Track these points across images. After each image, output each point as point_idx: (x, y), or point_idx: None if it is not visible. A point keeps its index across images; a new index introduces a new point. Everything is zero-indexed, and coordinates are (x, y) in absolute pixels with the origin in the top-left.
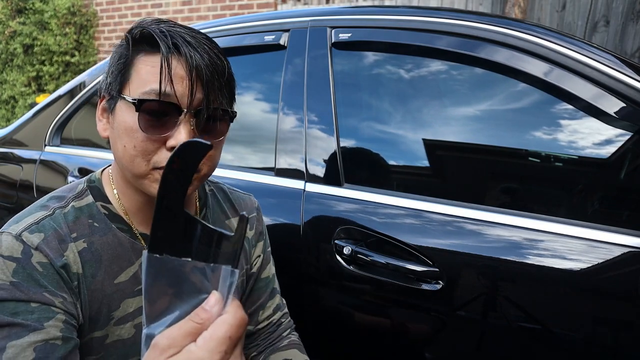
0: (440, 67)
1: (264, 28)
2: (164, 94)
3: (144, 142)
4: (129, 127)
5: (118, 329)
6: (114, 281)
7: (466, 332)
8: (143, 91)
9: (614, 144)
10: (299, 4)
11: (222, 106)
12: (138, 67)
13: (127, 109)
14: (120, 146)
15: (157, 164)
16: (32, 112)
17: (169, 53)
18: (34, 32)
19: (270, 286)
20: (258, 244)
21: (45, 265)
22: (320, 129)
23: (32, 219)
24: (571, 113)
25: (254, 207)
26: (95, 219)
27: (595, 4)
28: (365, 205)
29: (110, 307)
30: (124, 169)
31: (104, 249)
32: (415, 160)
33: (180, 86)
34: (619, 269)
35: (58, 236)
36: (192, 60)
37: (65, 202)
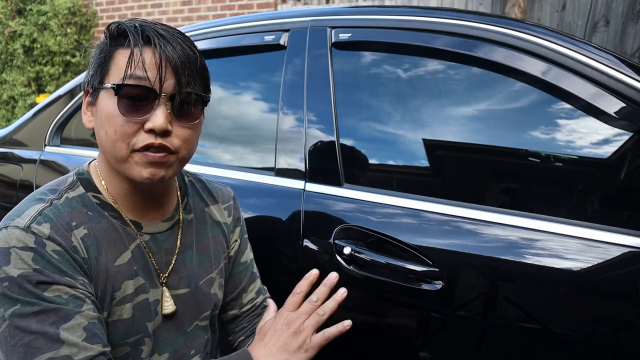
0: (440, 67)
1: (264, 28)
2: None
3: (123, 126)
4: (109, 113)
5: (119, 309)
6: (115, 263)
7: (466, 332)
8: (120, 78)
9: (614, 144)
10: (299, 4)
11: (195, 91)
12: (116, 59)
13: (108, 97)
14: (102, 133)
15: (135, 146)
16: (32, 112)
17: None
18: (34, 33)
19: (250, 270)
20: (235, 229)
21: (60, 253)
22: (320, 129)
23: (34, 212)
24: (571, 113)
25: (230, 196)
26: (89, 208)
27: (595, 4)
28: (365, 205)
29: (114, 288)
30: (107, 155)
31: (101, 234)
32: (416, 160)
33: (152, 72)
34: (619, 269)
35: (62, 225)
36: (161, 49)
37: (59, 194)
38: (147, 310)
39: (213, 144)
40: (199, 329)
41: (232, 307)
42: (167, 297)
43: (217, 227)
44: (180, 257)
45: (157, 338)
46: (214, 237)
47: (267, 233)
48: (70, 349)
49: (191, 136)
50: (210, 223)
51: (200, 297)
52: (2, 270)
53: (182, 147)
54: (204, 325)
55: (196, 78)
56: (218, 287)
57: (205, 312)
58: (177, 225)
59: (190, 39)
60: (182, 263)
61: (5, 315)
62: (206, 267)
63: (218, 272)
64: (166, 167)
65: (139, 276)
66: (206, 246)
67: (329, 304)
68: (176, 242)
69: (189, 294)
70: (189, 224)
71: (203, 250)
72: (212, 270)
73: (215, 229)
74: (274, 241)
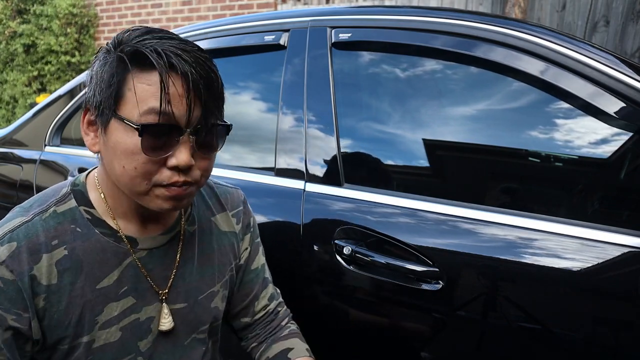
0: (440, 67)
1: (264, 28)
2: (164, 113)
3: (145, 164)
4: (128, 149)
5: (104, 333)
6: (96, 286)
7: (466, 332)
8: (142, 111)
9: (614, 144)
10: (299, 4)
11: (219, 121)
12: (132, 86)
13: (125, 131)
14: (117, 166)
15: (158, 182)
16: (32, 112)
17: (166, 73)
18: (35, 33)
19: (261, 276)
20: (245, 237)
21: (6, 282)
22: (320, 129)
23: (8, 227)
24: (571, 113)
25: (240, 200)
26: (78, 224)
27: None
28: (365, 205)
29: (94, 312)
30: (121, 186)
31: (85, 254)
32: (416, 160)
33: (180, 106)
34: (619, 269)
35: (31, 247)
36: (189, 78)
37: (46, 206)
38: (139, 330)
39: None
40: (196, 342)
41: (244, 315)
42: (166, 313)
43: (224, 238)
44: (180, 272)
45: (152, 354)
46: (220, 249)
47: (267, 233)
48: None
49: (210, 164)
50: (217, 234)
51: (199, 311)
52: None
53: (202, 176)
54: (201, 337)
55: (218, 105)
56: (220, 300)
57: (203, 326)
58: (177, 238)
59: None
60: (181, 277)
61: None
62: (208, 281)
63: (222, 285)
64: (188, 198)
65: (129, 297)
66: (210, 259)
67: None
68: (175, 256)
69: (187, 308)
70: (191, 237)
71: (206, 264)
72: (214, 284)
73: (222, 239)
74: (274, 242)
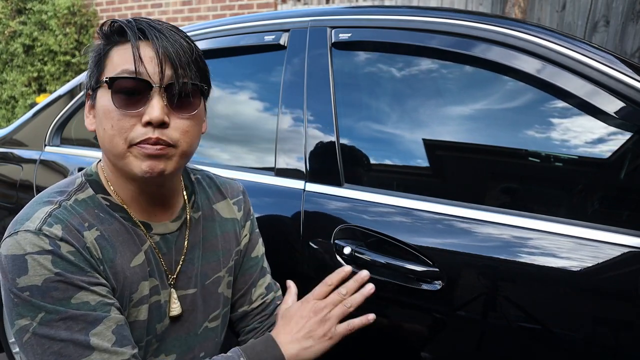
0: (440, 67)
1: (264, 28)
2: (131, 71)
3: (120, 121)
4: (106, 109)
5: (135, 311)
6: (130, 264)
7: (466, 332)
8: (115, 73)
9: (614, 144)
10: (299, 4)
11: (192, 80)
12: (111, 56)
13: (104, 94)
14: (101, 130)
15: (133, 140)
16: (32, 112)
17: (135, 38)
18: (35, 32)
19: (260, 264)
20: (246, 223)
21: (74, 254)
22: (320, 129)
23: (43, 214)
24: (571, 113)
25: (240, 190)
26: (100, 210)
27: (595, 4)
28: (365, 205)
29: (131, 289)
30: (107, 153)
31: (114, 235)
32: (416, 160)
33: (150, 65)
34: (619, 269)
35: (73, 226)
36: (159, 40)
37: (67, 195)
38: (159, 312)
39: (213, 144)
40: (209, 331)
41: (242, 303)
42: (175, 298)
43: (227, 224)
44: (189, 257)
45: (165, 339)
46: (223, 235)
47: (267, 233)
48: (102, 354)
49: (190, 128)
50: (219, 220)
51: (208, 296)
52: (22, 280)
53: (181, 140)
54: (214, 326)
55: (192, 67)
56: (226, 286)
57: (214, 312)
58: (185, 225)
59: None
60: (190, 263)
61: (31, 323)
62: (214, 266)
63: (227, 271)
64: (165, 160)
65: (152, 277)
66: (214, 244)
67: (357, 297)
68: (184, 242)
69: (197, 294)
70: (196, 223)
71: (211, 249)
72: (220, 269)
73: (225, 226)
74: (274, 241)
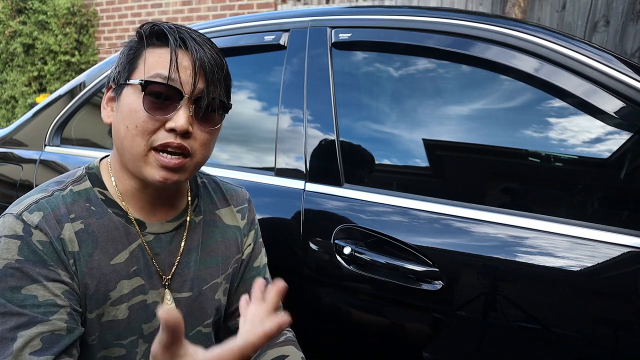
0: (440, 67)
1: (264, 28)
2: (169, 78)
3: (145, 122)
4: (133, 108)
5: (114, 309)
6: (110, 262)
7: (466, 332)
8: (148, 75)
9: (614, 144)
10: (299, 4)
11: (220, 97)
12: (145, 57)
13: (133, 92)
14: (122, 127)
15: (154, 143)
16: (32, 112)
17: (176, 45)
18: (35, 32)
19: (262, 274)
20: (250, 232)
21: (45, 244)
22: (320, 129)
23: (31, 200)
24: (571, 113)
25: (245, 198)
26: (93, 203)
27: (595, 4)
28: (365, 205)
29: (108, 287)
30: (124, 150)
31: (100, 230)
32: (416, 160)
33: (184, 74)
34: (619, 269)
35: (55, 215)
36: (197, 53)
37: (63, 185)
38: (144, 312)
39: None
40: (202, 335)
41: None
42: (169, 299)
43: (229, 231)
44: (184, 260)
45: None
46: (224, 241)
47: (267, 233)
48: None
49: (209, 141)
50: (221, 226)
51: (204, 302)
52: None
53: (199, 151)
54: (207, 332)
55: (222, 84)
56: (222, 293)
57: (208, 319)
58: (183, 227)
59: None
60: (185, 266)
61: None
62: (212, 272)
63: (225, 278)
64: (180, 173)
65: (138, 276)
66: (214, 250)
67: None
68: (180, 244)
69: (191, 298)
70: (196, 226)
71: (210, 254)
72: (218, 275)
73: (226, 232)
74: (274, 241)
